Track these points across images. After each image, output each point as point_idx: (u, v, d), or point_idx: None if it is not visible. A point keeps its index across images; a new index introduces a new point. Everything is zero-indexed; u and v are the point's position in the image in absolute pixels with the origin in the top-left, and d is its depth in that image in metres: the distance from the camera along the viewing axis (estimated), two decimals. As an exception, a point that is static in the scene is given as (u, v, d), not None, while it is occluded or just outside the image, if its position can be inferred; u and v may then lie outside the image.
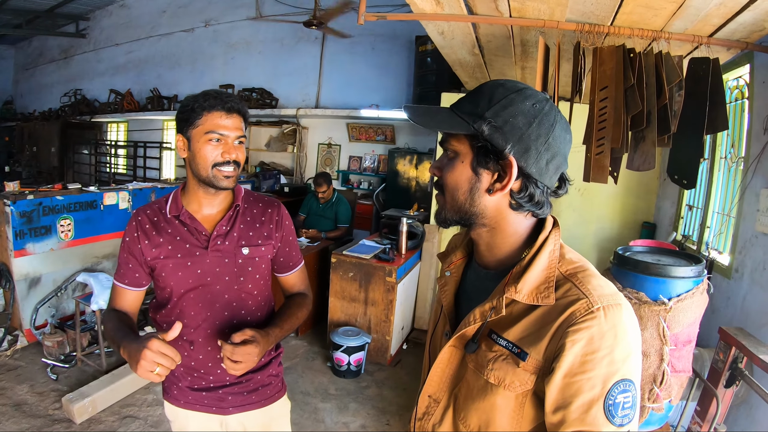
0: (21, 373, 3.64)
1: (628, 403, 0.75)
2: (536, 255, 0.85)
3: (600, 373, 0.74)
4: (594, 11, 2.28)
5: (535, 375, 0.80)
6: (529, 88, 0.84)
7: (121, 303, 1.51)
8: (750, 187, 2.79)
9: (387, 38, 7.16)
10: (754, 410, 2.43)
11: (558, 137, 0.83)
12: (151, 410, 3.29)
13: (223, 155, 1.38)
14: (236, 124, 1.40)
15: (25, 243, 3.94)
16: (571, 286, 0.81)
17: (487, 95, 0.84)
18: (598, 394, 0.74)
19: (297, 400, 3.48)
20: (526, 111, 0.81)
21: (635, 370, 0.77)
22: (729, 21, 2.23)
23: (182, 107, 1.40)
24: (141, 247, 1.45)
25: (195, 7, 9.02)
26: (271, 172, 7.42)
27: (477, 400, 0.86)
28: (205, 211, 1.49)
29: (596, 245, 4.83)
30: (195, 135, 1.38)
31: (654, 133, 2.31)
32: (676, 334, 2.03)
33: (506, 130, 0.81)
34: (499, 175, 0.84)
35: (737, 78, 3.19)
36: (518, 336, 0.83)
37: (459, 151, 0.86)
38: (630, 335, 0.77)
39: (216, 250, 1.46)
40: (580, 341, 0.75)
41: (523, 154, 0.82)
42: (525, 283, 0.83)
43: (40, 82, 12.73)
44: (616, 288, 0.83)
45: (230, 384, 1.55)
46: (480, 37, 2.91)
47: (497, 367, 0.83)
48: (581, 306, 0.77)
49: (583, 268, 0.85)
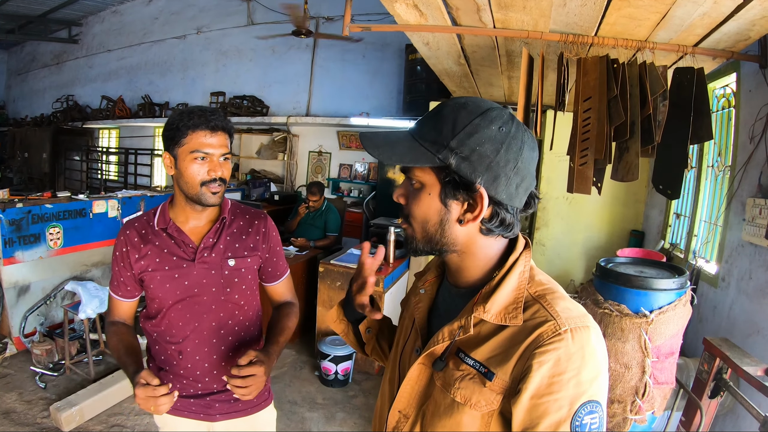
0: (10, 381, 3.60)
1: (595, 424, 0.74)
2: (506, 275, 0.85)
3: (567, 394, 0.74)
4: (577, 22, 2.30)
5: (501, 395, 0.79)
6: (494, 108, 0.81)
7: (119, 313, 1.57)
8: (736, 196, 2.80)
9: (378, 46, 7.19)
10: (741, 420, 2.43)
11: (526, 159, 0.81)
12: (138, 419, 3.26)
13: (209, 173, 1.40)
14: (221, 142, 1.41)
15: (14, 251, 3.90)
16: (540, 307, 0.80)
17: (450, 120, 0.81)
18: (565, 415, 0.73)
19: (284, 409, 3.45)
20: (492, 137, 0.79)
21: (602, 391, 0.77)
22: (713, 31, 2.25)
23: (167, 125, 1.40)
24: (130, 261, 1.48)
25: (187, 15, 9.04)
26: (261, 180, 7.37)
27: (443, 417, 0.85)
28: (192, 223, 1.51)
29: (584, 254, 4.84)
30: (181, 154, 1.39)
31: (637, 144, 2.32)
32: (658, 346, 2.02)
33: (474, 159, 0.78)
34: (469, 204, 0.82)
35: (724, 87, 3.21)
36: (486, 356, 0.82)
37: (425, 182, 0.84)
38: (597, 357, 0.77)
39: (203, 262, 1.48)
40: (547, 363, 0.74)
41: (493, 183, 0.80)
42: (494, 303, 0.82)
43: (33, 87, 12.72)
44: (585, 310, 0.83)
45: (217, 392, 1.58)
46: (465, 47, 2.92)
47: (464, 386, 0.83)
48: (549, 328, 0.77)
49: (552, 290, 0.84)
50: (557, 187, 4.61)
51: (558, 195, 4.85)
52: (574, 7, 2.13)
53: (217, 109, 1.44)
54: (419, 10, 2.31)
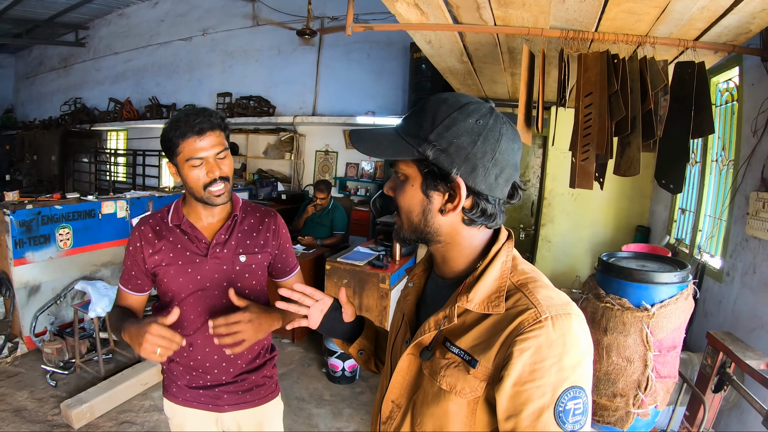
0: (21, 379, 3.68)
1: (579, 410, 0.76)
2: (489, 266, 0.87)
3: (549, 380, 0.75)
4: (577, 18, 2.30)
5: (485, 382, 0.82)
6: (473, 102, 0.84)
7: (125, 303, 1.62)
8: (740, 191, 2.79)
9: (383, 45, 7.18)
10: (745, 414, 2.43)
11: (505, 150, 0.83)
12: (147, 416, 3.31)
13: (208, 175, 1.44)
14: (212, 142, 1.43)
15: (24, 252, 3.97)
16: (521, 296, 0.83)
17: (430, 115, 0.84)
18: (548, 401, 0.75)
19: (292, 405, 3.49)
20: (469, 129, 0.81)
21: (586, 377, 0.78)
22: (713, 24, 2.24)
23: (162, 138, 1.45)
24: (143, 256, 1.53)
25: (193, 16, 9.07)
26: (268, 180, 7.41)
27: (431, 406, 0.88)
28: (204, 220, 1.57)
29: (590, 250, 4.83)
30: (180, 162, 1.45)
31: (639, 139, 2.32)
32: (660, 339, 2.02)
33: (451, 151, 0.81)
34: (450, 195, 0.85)
35: (727, 81, 3.19)
36: (470, 344, 0.84)
37: (408, 174, 0.88)
38: (580, 343, 0.78)
39: (215, 258, 1.54)
40: (527, 350, 0.76)
41: (471, 173, 0.82)
42: (477, 293, 0.85)
43: (41, 90, 12.82)
44: (569, 298, 0.84)
45: (226, 383, 1.63)
46: (467, 45, 2.93)
47: (449, 373, 0.85)
48: (529, 315, 0.78)
49: (534, 278, 0.86)
50: (562, 184, 4.61)
51: (563, 191, 4.84)
52: (573, 3, 2.13)
53: (205, 109, 1.46)
54: (420, 9, 2.32)
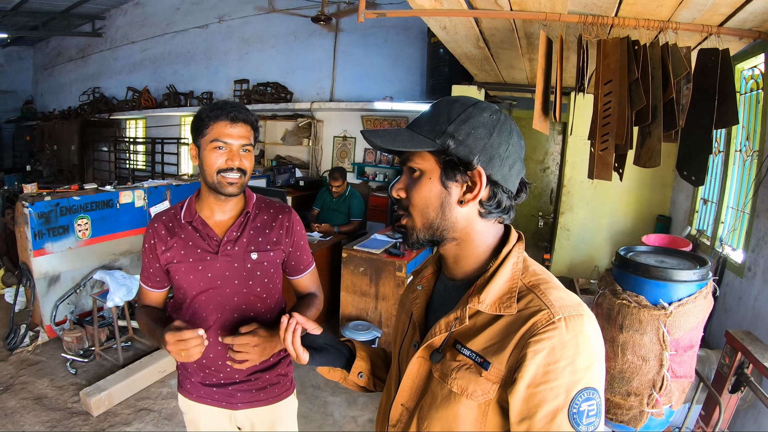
0: (42, 367, 3.78)
1: (592, 411, 0.76)
2: (500, 266, 0.87)
3: (563, 382, 0.75)
4: (596, 2, 2.22)
5: (498, 384, 0.81)
6: (483, 102, 0.88)
7: (149, 301, 1.65)
8: (764, 183, 2.69)
9: (400, 30, 7.06)
10: (762, 415, 2.36)
11: (515, 144, 0.88)
12: (165, 403, 3.38)
13: (227, 162, 1.45)
14: (241, 133, 1.46)
15: (43, 243, 4.05)
16: (534, 297, 0.82)
17: (445, 111, 0.87)
18: (562, 403, 0.75)
19: (307, 393, 3.53)
20: (485, 122, 0.85)
21: (599, 378, 0.78)
22: (738, 10, 2.14)
23: (194, 118, 1.49)
24: (157, 253, 1.55)
25: (208, 4, 9.06)
26: (286, 166, 7.41)
27: (440, 408, 0.87)
28: (216, 217, 1.56)
29: (610, 239, 4.73)
30: (203, 144, 1.46)
31: (660, 129, 2.24)
32: (677, 339, 1.96)
33: (470, 142, 0.84)
34: (468, 185, 0.86)
35: (752, 68, 3.07)
36: (482, 346, 0.84)
37: (424, 168, 0.88)
38: (592, 344, 0.78)
39: (226, 255, 1.53)
40: (541, 351, 0.76)
41: (489, 162, 0.85)
42: (488, 294, 0.84)
43: (59, 81, 13.01)
44: (580, 299, 0.84)
45: (239, 381, 1.64)
46: (483, 30, 2.86)
47: (460, 376, 0.84)
48: (542, 317, 0.78)
49: (545, 280, 0.86)
50: (582, 171, 4.50)
51: (582, 179, 4.73)
52: (591, -12, 2.06)
53: (243, 105, 1.51)
54: (433, -6, 2.27)
